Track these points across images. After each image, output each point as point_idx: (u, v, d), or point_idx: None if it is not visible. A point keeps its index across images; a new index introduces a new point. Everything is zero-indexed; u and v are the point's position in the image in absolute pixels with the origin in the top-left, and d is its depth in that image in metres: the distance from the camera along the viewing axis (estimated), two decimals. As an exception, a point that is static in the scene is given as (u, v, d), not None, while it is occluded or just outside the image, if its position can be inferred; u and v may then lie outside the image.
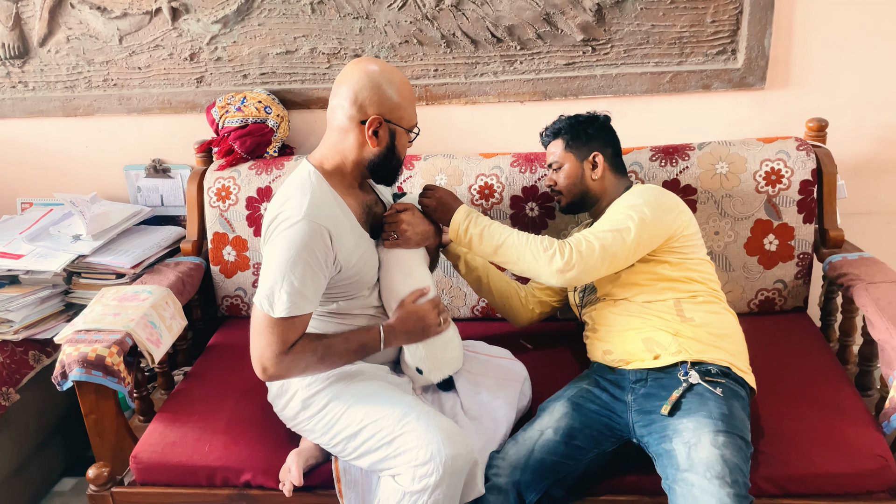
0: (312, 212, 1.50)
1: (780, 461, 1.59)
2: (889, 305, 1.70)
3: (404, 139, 1.62)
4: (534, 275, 1.68)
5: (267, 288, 1.50)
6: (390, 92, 1.55)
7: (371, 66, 1.56)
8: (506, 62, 2.25)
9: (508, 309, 1.99)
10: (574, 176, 1.85)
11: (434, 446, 1.46)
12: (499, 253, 1.69)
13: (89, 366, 1.70)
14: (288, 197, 1.55)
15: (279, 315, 1.49)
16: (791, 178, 2.03)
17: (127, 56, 2.36)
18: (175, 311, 1.99)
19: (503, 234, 1.69)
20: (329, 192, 1.58)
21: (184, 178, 2.45)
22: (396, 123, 1.58)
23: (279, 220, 1.52)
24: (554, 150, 1.90)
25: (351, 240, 1.58)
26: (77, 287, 2.21)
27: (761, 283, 2.10)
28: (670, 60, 2.20)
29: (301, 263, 1.48)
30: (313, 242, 1.49)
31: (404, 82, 1.59)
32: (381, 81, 1.54)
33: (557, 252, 1.63)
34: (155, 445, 1.75)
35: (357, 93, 1.54)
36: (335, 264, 1.56)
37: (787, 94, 2.21)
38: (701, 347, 1.65)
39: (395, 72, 1.58)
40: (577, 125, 1.87)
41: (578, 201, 1.88)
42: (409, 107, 1.60)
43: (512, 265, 1.70)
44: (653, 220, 1.69)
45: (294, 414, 1.66)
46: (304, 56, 2.30)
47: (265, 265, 1.53)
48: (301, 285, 1.49)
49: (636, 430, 1.61)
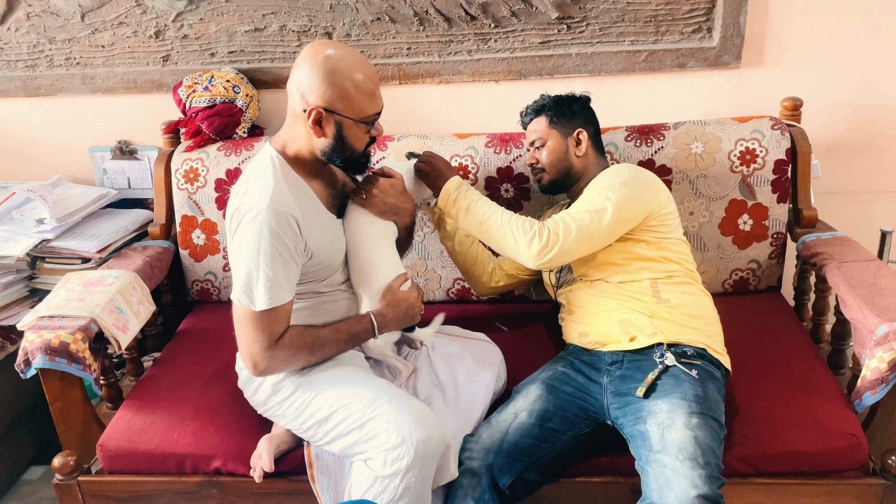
0: (276, 201, 1.46)
1: (752, 440, 1.59)
2: (861, 284, 1.70)
3: (356, 130, 1.52)
4: (512, 255, 1.69)
5: (243, 282, 1.47)
6: (336, 79, 1.45)
7: (324, 51, 1.47)
8: (480, 40, 2.21)
9: (470, 275, 1.98)
10: (559, 152, 1.83)
11: (405, 430, 1.44)
12: (482, 229, 1.70)
13: (53, 353, 1.66)
14: (249, 186, 1.51)
15: (261, 308, 1.47)
16: (766, 157, 2.02)
17: (89, 34, 2.29)
18: (143, 297, 1.95)
19: (488, 211, 1.70)
20: (292, 178, 1.54)
21: (151, 160, 2.39)
22: (342, 114, 1.48)
23: (243, 212, 1.48)
24: (537, 128, 1.87)
25: (319, 224, 1.55)
26: (41, 272, 2.15)
27: (735, 263, 2.10)
28: (646, 39, 2.17)
29: (272, 253, 1.45)
30: (281, 231, 1.46)
31: (358, 69, 1.47)
32: (326, 68, 1.45)
33: (536, 235, 1.64)
34: (122, 433, 1.71)
35: (300, 80, 1.48)
36: (306, 251, 1.53)
37: (762, 72, 2.20)
38: (677, 329, 1.65)
39: (348, 57, 1.47)
40: (562, 102, 1.87)
41: (562, 179, 1.86)
42: (360, 96, 1.48)
43: (493, 243, 1.71)
44: (630, 199, 1.68)
45: (264, 399, 1.63)
46: (273, 34, 2.24)
47: (236, 259, 1.50)
48: (276, 275, 1.47)
49: (611, 412, 1.60)
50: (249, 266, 1.46)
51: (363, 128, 1.53)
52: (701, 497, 1.34)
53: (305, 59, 1.48)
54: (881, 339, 1.55)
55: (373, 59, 2.24)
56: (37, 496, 2.18)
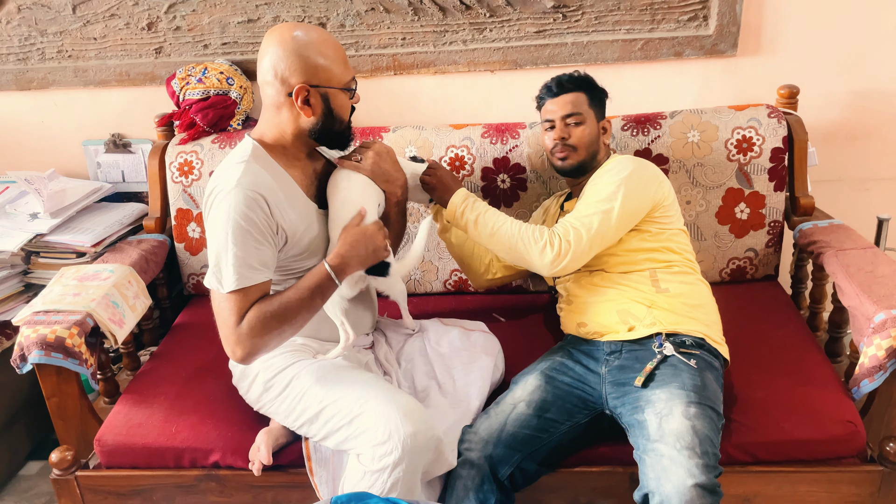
0: (245, 180, 1.45)
1: (750, 429, 1.59)
2: (858, 272, 1.70)
3: (342, 99, 1.54)
4: (525, 265, 1.69)
5: (213, 265, 1.46)
6: (309, 54, 1.47)
7: (288, 33, 1.48)
8: (475, 30, 2.20)
9: (468, 268, 1.97)
10: (594, 135, 1.81)
11: (392, 424, 1.43)
12: (492, 241, 1.69)
13: (49, 348, 1.65)
14: (222, 170, 1.51)
15: (229, 289, 1.44)
16: (762, 145, 2.02)
17: (81, 26, 2.27)
18: (138, 290, 1.94)
19: (497, 222, 1.68)
20: (270, 164, 1.53)
21: (145, 153, 2.37)
22: (326, 86, 1.50)
23: (214, 194, 1.48)
24: (577, 102, 1.80)
25: (295, 208, 1.54)
26: (36, 267, 2.14)
27: (733, 252, 2.10)
28: (642, 27, 2.16)
29: (240, 232, 1.44)
30: (249, 210, 1.44)
31: (324, 40, 1.50)
32: (296, 47, 1.46)
33: (548, 244, 1.63)
34: (120, 427, 1.71)
35: (275, 66, 1.47)
36: (279, 233, 1.51)
37: (758, 60, 2.19)
38: (676, 319, 1.65)
39: (311, 31, 1.50)
40: (597, 87, 1.84)
41: (588, 161, 1.81)
42: (335, 65, 1.50)
43: (504, 253, 1.71)
44: (636, 193, 1.68)
45: (257, 396, 1.63)
46: (266, 25, 2.22)
47: (209, 243, 1.49)
48: (245, 254, 1.44)
49: (609, 402, 1.60)
50: (218, 247, 1.45)
51: (347, 94, 1.54)
52: (698, 486, 1.34)
53: (272, 46, 1.48)
54: (879, 326, 1.55)
55: (367, 49, 2.23)
56: (34, 491, 2.18)
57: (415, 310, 2.08)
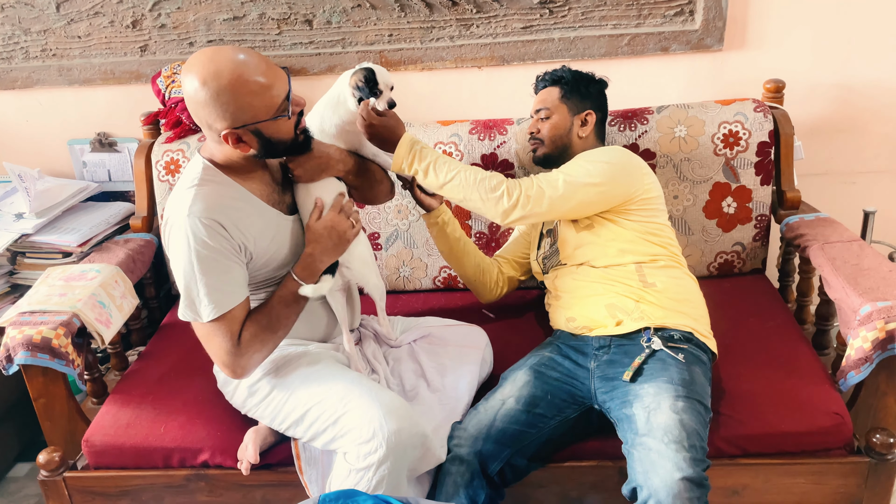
0: (196, 207, 1.42)
1: (738, 421, 1.60)
2: (845, 265, 1.71)
3: (275, 126, 1.43)
4: (480, 213, 1.68)
5: (184, 297, 1.45)
6: (228, 101, 1.36)
7: (198, 80, 1.36)
8: (462, 26, 2.19)
9: (479, 284, 1.95)
10: (561, 128, 1.82)
11: (376, 422, 1.43)
12: (445, 189, 1.66)
13: (35, 348, 1.64)
14: (172, 199, 1.48)
15: (208, 319, 1.44)
16: (749, 140, 2.03)
17: (65, 24, 2.25)
18: (125, 290, 1.92)
19: (451, 171, 1.64)
20: (223, 183, 1.49)
21: (131, 152, 2.36)
22: (253, 122, 1.40)
23: (169, 226, 1.45)
24: (546, 98, 1.85)
25: (258, 224, 1.50)
26: (22, 267, 2.13)
27: (720, 246, 2.11)
28: (628, 23, 2.16)
29: (204, 261, 1.42)
30: (208, 237, 1.41)
31: (237, 78, 1.35)
32: (210, 96, 1.36)
33: (505, 193, 1.63)
34: (108, 428, 1.70)
35: (196, 114, 1.41)
36: (245, 252, 1.48)
37: (744, 55, 2.20)
38: (663, 313, 1.65)
39: (224, 70, 1.35)
40: (579, 79, 1.85)
41: (557, 155, 1.84)
42: (256, 100, 1.38)
43: (459, 203, 1.68)
44: (611, 181, 1.68)
45: (242, 401, 1.63)
46: (252, 22, 2.21)
47: (175, 274, 1.47)
48: (216, 281, 1.43)
49: (598, 397, 1.60)
50: (187, 280, 1.43)
51: (282, 119, 1.44)
52: (685, 479, 1.34)
53: (188, 93, 1.39)
54: (864, 318, 1.55)
55: (354, 46, 2.22)
56: (23, 493, 2.17)
57: (404, 307, 2.08)
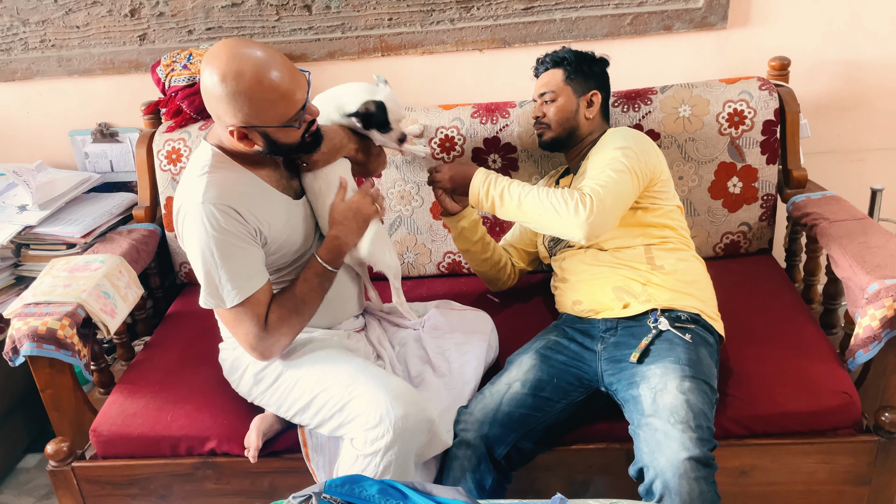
0: (210, 194, 1.42)
1: (745, 402, 1.59)
2: (852, 243, 1.70)
3: (283, 133, 1.43)
4: (558, 231, 1.62)
5: (205, 286, 1.46)
6: (244, 101, 1.36)
7: (219, 75, 1.35)
8: (462, 8, 2.17)
9: (493, 279, 1.96)
10: (568, 110, 1.80)
11: (382, 408, 1.43)
12: (521, 210, 1.64)
13: (40, 340, 1.64)
14: (184, 186, 1.48)
15: (231, 305, 1.45)
16: (754, 118, 2.00)
17: (63, 14, 2.24)
18: (130, 280, 1.92)
19: (523, 191, 1.64)
20: (233, 170, 1.49)
21: (132, 142, 2.35)
22: (262, 126, 1.40)
23: (182, 214, 1.45)
24: (550, 80, 1.82)
25: (270, 208, 1.51)
26: (26, 259, 2.13)
27: (726, 227, 2.09)
28: (630, 1, 2.14)
29: (223, 247, 1.42)
30: (224, 223, 1.42)
31: (259, 81, 1.35)
32: (228, 92, 1.35)
33: (579, 202, 1.57)
34: (115, 418, 1.70)
35: (208, 103, 1.41)
36: (260, 237, 1.49)
37: (748, 32, 2.17)
38: (671, 295, 1.64)
39: (247, 71, 1.34)
40: (582, 59, 1.82)
41: (565, 138, 1.82)
42: (275, 106, 1.38)
43: (535, 223, 1.65)
44: (642, 160, 1.67)
45: (248, 389, 1.63)
46: (251, 8, 2.20)
47: (193, 264, 1.47)
48: (237, 266, 1.44)
49: (605, 379, 1.60)
50: (207, 267, 1.44)
51: (291, 128, 1.43)
52: (692, 459, 1.34)
53: (206, 83, 1.38)
54: (872, 296, 1.54)
55: (353, 31, 2.20)
56: (33, 484, 2.18)
57: (409, 294, 2.06)
